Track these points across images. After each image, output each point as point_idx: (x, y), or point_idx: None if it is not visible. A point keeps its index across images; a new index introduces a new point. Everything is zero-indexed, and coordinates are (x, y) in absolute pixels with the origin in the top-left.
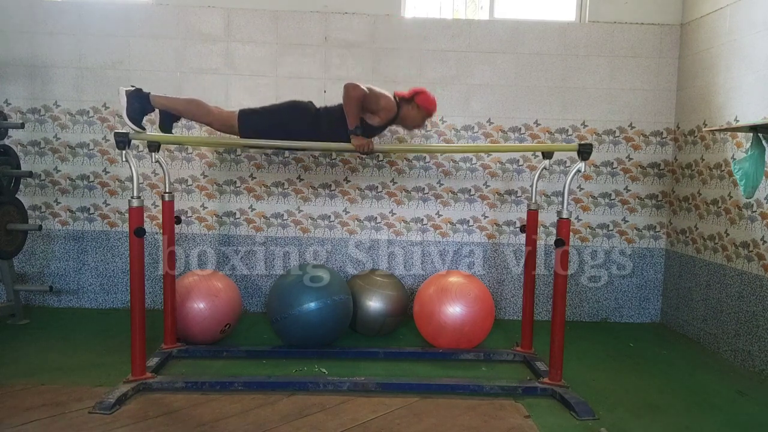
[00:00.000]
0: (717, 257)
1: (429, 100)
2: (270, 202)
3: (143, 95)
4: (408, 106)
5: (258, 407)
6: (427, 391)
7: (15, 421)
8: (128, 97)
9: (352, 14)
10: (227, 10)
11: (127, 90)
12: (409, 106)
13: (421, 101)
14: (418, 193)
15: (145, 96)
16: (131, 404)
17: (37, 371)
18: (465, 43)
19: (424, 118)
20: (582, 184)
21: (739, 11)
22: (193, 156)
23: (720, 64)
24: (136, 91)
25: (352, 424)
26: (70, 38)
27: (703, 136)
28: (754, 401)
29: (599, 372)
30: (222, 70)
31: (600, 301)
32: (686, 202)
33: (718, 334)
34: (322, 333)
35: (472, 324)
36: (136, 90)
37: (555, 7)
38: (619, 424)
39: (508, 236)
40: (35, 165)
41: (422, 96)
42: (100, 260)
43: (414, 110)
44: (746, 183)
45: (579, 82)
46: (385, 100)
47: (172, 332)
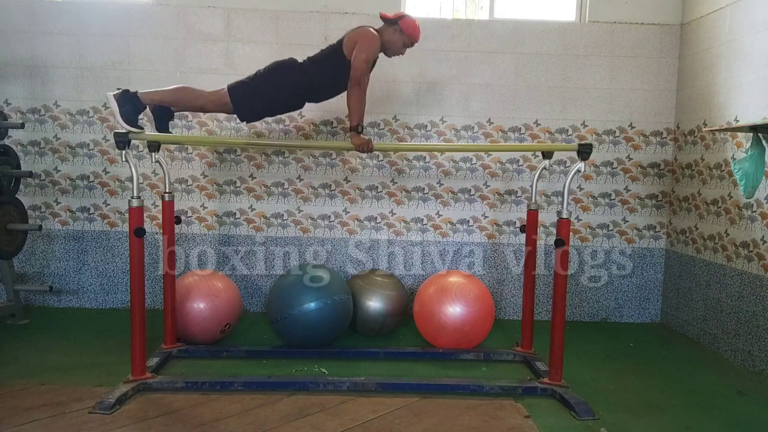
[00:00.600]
0: (717, 257)
1: (413, 24)
2: (270, 202)
3: (131, 95)
4: (390, 29)
5: (258, 407)
6: (427, 391)
7: (15, 421)
8: (117, 100)
9: (352, 14)
10: (227, 10)
11: (114, 94)
12: (392, 29)
13: (405, 26)
14: (418, 193)
15: (133, 95)
16: (131, 404)
17: (37, 371)
18: (465, 43)
19: (405, 45)
20: (582, 184)
21: (739, 11)
22: (193, 156)
23: (720, 64)
24: (123, 93)
25: (352, 424)
26: (70, 38)
27: (703, 136)
28: (754, 401)
29: (599, 372)
30: (222, 70)
31: (600, 301)
32: (686, 202)
33: (718, 334)
34: (322, 333)
35: (472, 324)
36: (123, 92)
37: (555, 7)
38: (619, 424)
39: (508, 236)
40: (35, 165)
41: (406, 20)
42: (100, 260)
43: (396, 34)
44: (746, 183)
45: (579, 82)
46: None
47: (172, 332)
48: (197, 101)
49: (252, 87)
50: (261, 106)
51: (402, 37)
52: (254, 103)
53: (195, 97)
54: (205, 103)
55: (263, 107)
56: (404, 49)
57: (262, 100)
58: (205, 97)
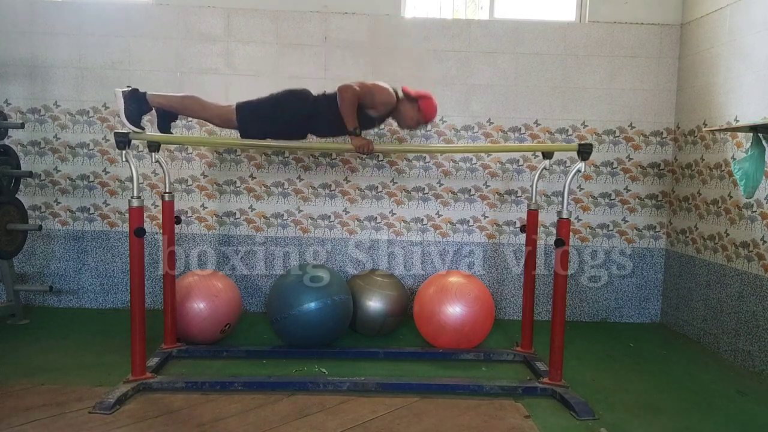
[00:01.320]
0: (717, 257)
1: (432, 106)
2: (270, 202)
3: (140, 95)
4: (409, 105)
5: (258, 407)
6: (427, 391)
7: (15, 421)
8: (125, 98)
9: (352, 14)
10: (227, 10)
11: (123, 91)
12: (410, 106)
13: (424, 106)
14: (418, 193)
15: (141, 96)
16: (131, 404)
17: (37, 371)
18: (465, 43)
19: (419, 122)
20: (582, 184)
21: (739, 11)
22: (193, 156)
23: (720, 64)
24: (132, 92)
25: (352, 424)
26: (70, 38)
27: (703, 136)
28: (754, 401)
29: (599, 372)
30: (222, 70)
31: (600, 301)
32: (686, 202)
33: (718, 334)
34: (322, 333)
35: (472, 324)
36: (132, 90)
37: (555, 7)
38: (619, 424)
39: (508, 236)
40: (35, 165)
41: (427, 101)
42: (100, 260)
43: (413, 111)
44: (746, 183)
45: (579, 82)
46: (381, 94)
47: (172, 332)
48: (203, 112)
49: (261, 109)
50: (266, 129)
51: (417, 115)
52: (260, 124)
53: (202, 108)
54: (210, 116)
55: (268, 130)
56: (417, 126)
57: (268, 124)
58: (211, 110)
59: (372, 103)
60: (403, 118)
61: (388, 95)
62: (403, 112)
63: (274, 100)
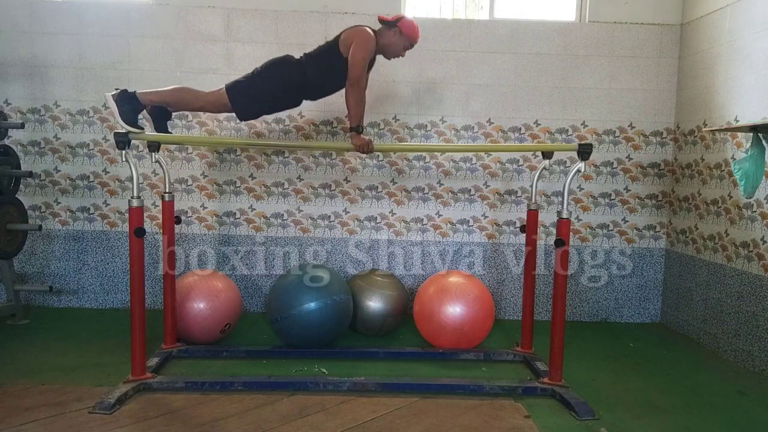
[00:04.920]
0: (717, 257)
1: (412, 25)
2: (270, 202)
3: (130, 95)
4: (390, 32)
5: (258, 407)
6: (427, 391)
7: (15, 421)
8: (116, 100)
9: (352, 14)
10: (227, 10)
11: (113, 94)
12: (391, 32)
13: (405, 27)
14: (418, 193)
15: (132, 95)
16: (131, 404)
17: (37, 371)
18: (465, 43)
19: (405, 47)
20: (582, 184)
21: (739, 11)
22: (193, 156)
23: (720, 64)
24: (122, 93)
25: (352, 424)
26: (70, 38)
27: (703, 136)
28: (754, 401)
29: (599, 372)
30: (222, 70)
31: (600, 301)
32: (686, 202)
33: (718, 334)
34: (322, 333)
35: (472, 324)
36: (121, 92)
37: (555, 7)
38: (619, 424)
39: (508, 236)
40: (35, 165)
41: (406, 22)
42: (100, 260)
43: (396, 36)
44: (746, 183)
45: (579, 82)
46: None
47: (172, 332)
48: (196, 102)
49: (250, 86)
50: (259, 105)
51: (401, 39)
52: (253, 101)
53: (194, 98)
54: (204, 104)
55: (261, 105)
56: (404, 51)
57: (260, 99)
58: (203, 98)
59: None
60: (389, 49)
61: (372, 39)
62: (387, 43)
63: (260, 75)
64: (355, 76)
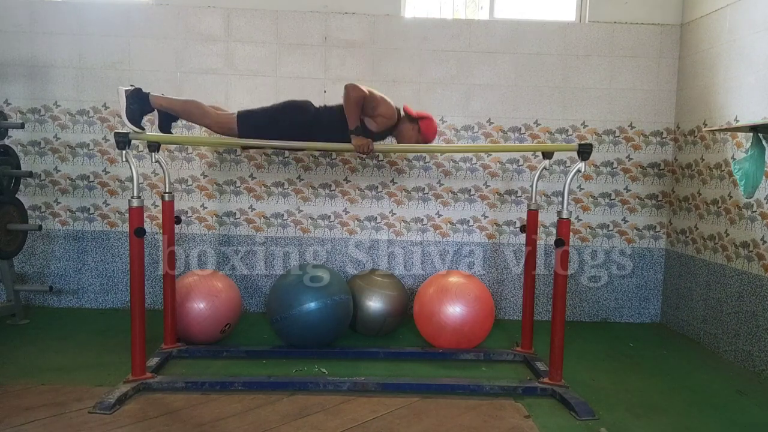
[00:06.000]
0: (717, 257)
1: (432, 128)
2: (270, 202)
3: (142, 95)
4: (409, 125)
5: (258, 407)
6: (427, 391)
7: (15, 421)
8: (127, 97)
9: (352, 14)
10: (227, 10)
11: (126, 90)
12: (410, 126)
13: (425, 127)
14: (418, 193)
15: (144, 96)
16: (131, 404)
17: (37, 371)
18: (465, 43)
19: (417, 141)
20: (582, 184)
21: (739, 11)
22: (193, 156)
23: (720, 64)
24: (135, 91)
25: (352, 424)
26: (70, 38)
27: (703, 136)
28: (754, 401)
29: (599, 372)
30: (222, 70)
31: (600, 301)
32: (686, 202)
33: (718, 334)
34: (322, 333)
35: (472, 324)
36: (135, 90)
37: (555, 7)
38: (619, 424)
39: (508, 236)
40: (35, 165)
41: (428, 122)
42: (100, 260)
43: (413, 131)
44: (746, 183)
45: (579, 82)
46: (385, 107)
47: (172, 332)
48: (203, 119)
49: (262, 119)
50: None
51: (417, 135)
52: (260, 135)
53: (203, 114)
54: (210, 123)
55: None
56: (416, 143)
57: (267, 133)
58: (212, 117)
59: (374, 112)
60: (402, 137)
61: (391, 111)
62: (403, 131)
63: (275, 111)
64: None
